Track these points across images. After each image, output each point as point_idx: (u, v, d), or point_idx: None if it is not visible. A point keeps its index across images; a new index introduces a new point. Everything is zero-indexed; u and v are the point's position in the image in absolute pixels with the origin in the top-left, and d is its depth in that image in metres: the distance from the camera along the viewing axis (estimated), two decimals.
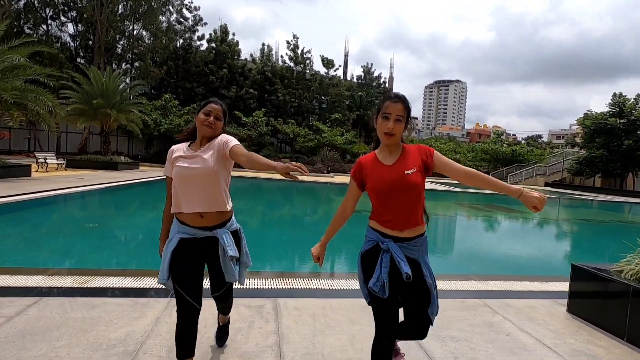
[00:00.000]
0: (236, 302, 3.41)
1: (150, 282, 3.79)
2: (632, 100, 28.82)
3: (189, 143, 2.21)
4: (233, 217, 2.28)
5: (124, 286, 3.67)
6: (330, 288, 4.09)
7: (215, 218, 2.13)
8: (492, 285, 4.45)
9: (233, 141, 2.08)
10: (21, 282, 3.59)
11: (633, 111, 28.22)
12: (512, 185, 1.88)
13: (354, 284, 4.14)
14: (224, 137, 2.15)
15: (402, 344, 2.45)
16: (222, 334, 2.65)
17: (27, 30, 28.52)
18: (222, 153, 2.09)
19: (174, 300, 2.28)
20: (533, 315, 3.55)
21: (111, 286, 3.65)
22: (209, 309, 2.84)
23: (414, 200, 1.89)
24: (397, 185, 1.86)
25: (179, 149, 2.20)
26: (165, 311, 3.10)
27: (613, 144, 28.09)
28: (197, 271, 2.13)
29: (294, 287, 3.97)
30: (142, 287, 3.69)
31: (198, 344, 2.23)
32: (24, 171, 13.38)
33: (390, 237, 1.92)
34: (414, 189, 1.87)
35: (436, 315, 2.04)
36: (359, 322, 3.11)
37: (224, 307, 2.52)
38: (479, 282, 4.54)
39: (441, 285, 4.25)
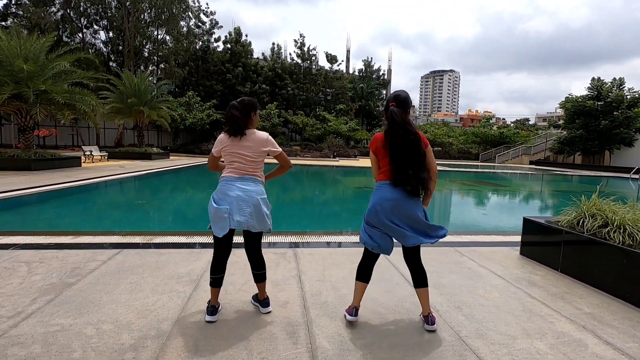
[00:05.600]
0: (265, 251, 4.09)
1: (199, 239, 4.47)
2: (609, 84, 28.54)
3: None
4: None
5: (179, 242, 4.37)
6: (335, 241, 4.75)
7: None
8: (465, 238, 5.05)
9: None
10: (104, 239, 4.31)
11: (610, 94, 27.98)
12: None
13: (353, 238, 4.79)
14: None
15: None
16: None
17: (65, 39, 29.10)
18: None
19: None
20: (492, 257, 4.16)
21: (171, 242, 4.34)
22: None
23: None
24: None
25: None
26: None
27: (591, 124, 27.99)
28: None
29: (309, 241, 4.62)
30: (192, 242, 4.37)
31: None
32: (75, 162, 14.23)
33: None
34: None
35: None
36: (356, 262, 3.73)
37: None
38: (455, 236, 5.14)
39: None
